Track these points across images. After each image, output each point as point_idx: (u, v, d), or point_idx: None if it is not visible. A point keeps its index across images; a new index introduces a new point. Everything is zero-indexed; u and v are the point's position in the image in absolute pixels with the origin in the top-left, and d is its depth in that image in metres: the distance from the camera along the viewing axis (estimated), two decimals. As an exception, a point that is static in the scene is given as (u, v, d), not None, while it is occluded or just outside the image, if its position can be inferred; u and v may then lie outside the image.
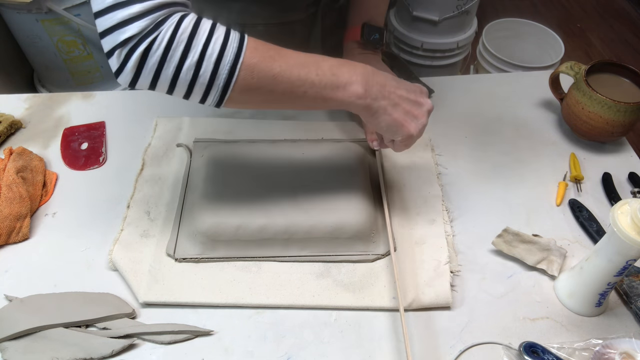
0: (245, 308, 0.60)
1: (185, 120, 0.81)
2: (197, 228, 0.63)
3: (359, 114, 0.57)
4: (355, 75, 0.53)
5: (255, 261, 0.63)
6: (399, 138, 0.58)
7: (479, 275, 0.63)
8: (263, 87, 0.50)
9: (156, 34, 0.45)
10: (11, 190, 0.67)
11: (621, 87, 0.77)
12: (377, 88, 0.54)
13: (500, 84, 0.90)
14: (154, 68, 0.46)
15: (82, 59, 1.46)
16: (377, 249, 0.64)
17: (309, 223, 0.63)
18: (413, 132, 0.57)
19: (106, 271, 0.63)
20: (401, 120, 0.56)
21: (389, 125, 0.56)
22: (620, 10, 2.46)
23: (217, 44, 0.47)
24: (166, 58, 0.46)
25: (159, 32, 0.45)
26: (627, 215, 0.50)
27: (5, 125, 0.78)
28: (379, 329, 0.58)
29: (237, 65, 0.48)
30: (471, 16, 1.59)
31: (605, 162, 0.77)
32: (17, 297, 0.59)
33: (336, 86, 0.52)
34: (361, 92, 0.53)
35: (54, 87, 1.55)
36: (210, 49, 0.47)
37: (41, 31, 1.36)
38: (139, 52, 0.45)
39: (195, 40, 0.46)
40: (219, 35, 0.47)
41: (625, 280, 0.61)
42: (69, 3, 1.32)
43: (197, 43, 0.46)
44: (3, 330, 0.55)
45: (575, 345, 0.56)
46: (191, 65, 0.46)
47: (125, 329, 0.57)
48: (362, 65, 0.55)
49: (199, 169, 0.71)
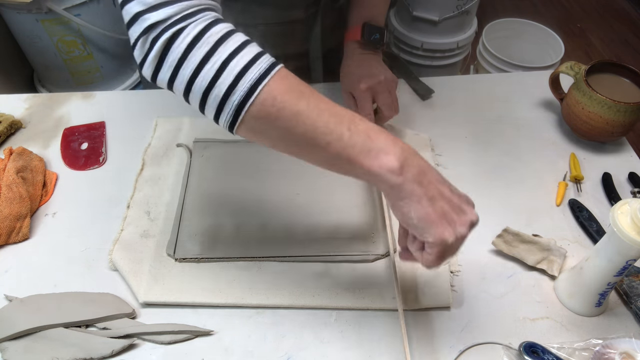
0: (245, 308, 0.60)
1: (185, 120, 0.81)
2: (197, 228, 0.63)
3: (387, 197, 0.46)
4: (393, 147, 0.44)
5: (255, 261, 0.63)
6: (430, 239, 0.45)
7: (479, 275, 0.63)
8: (283, 120, 0.43)
9: (184, 24, 0.42)
10: (11, 190, 0.67)
11: (621, 87, 0.77)
12: (416, 171, 0.45)
13: (500, 84, 0.90)
14: (174, 63, 0.43)
15: (82, 59, 1.46)
16: (377, 249, 0.64)
17: (309, 223, 0.63)
18: (447, 237, 0.44)
19: (106, 271, 0.63)
20: (435, 218, 0.44)
21: (419, 218, 0.44)
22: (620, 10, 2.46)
23: (244, 58, 0.43)
24: (187, 55, 0.42)
25: (188, 23, 0.42)
26: (627, 215, 0.50)
27: (5, 125, 0.78)
28: (379, 329, 0.58)
29: (259, 86, 0.42)
30: (471, 16, 1.59)
31: (605, 162, 0.77)
32: (17, 297, 0.59)
33: (368, 149, 0.44)
34: (396, 167, 0.43)
35: (54, 87, 1.55)
36: (235, 61, 0.42)
37: (41, 31, 1.36)
38: (163, 39, 0.42)
39: (223, 47, 0.43)
40: (249, 51, 0.43)
41: (625, 280, 0.61)
42: (69, 3, 1.32)
43: (223, 50, 0.42)
44: (3, 330, 0.55)
45: (575, 345, 0.56)
46: (209, 72, 0.42)
47: (125, 329, 0.57)
48: (405, 143, 0.46)
49: (199, 169, 0.71)
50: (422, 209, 0.44)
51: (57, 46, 1.40)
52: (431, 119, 0.83)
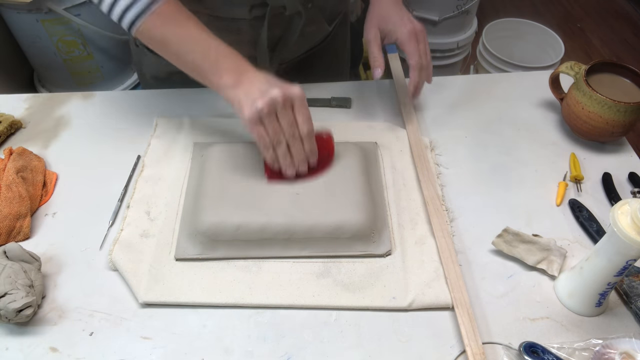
0: (245, 308, 0.60)
1: (185, 120, 0.81)
2: (197, 228, 0.63)
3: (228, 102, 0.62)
4: (233, 70, 0.61)
5: (256, 261, 0.63)
6: (245, 118, 0.61)
7: (479, 275, 0.63)
8: (159, 43, 0.63)
9: None
10: (11, 190, 0.67)
11: (621, 87, 0.77)
12: (246, 85, 0.60)
13: (500, 84, 0.90)
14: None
15: (82, 59, 1.46)
16: (377, 249, 0.64)
17: (309, 223, 0.63)
18: (257, 105, 0.59)
19: (106, 271, 0.63)
20: (250, 106, 0.60)
21: (243, 113, 0.61)
22: (620, 10, 2.46)
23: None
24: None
25: None
26: (627, 215, 0.50)
27: (5, 125, 0.78)
28: (379, 329, 0.58)
29: (140, 19, 0.61)
30: (471, 16, 1.60)
31: (605, 162, 0.77)
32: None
33: (215, 70, 0.61)
34: (229, 83, 0.61)
35: (54, 87, 1.55)
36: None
37: (41, 31, 1.36)
38: None
39: None
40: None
41: (625, 280, 0.61)
42: (69, 3, 1.32)
43: None
44: None
45: (575, 345, 0.56)
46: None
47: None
48: (246, 67, 0.61)
49: (199, 169, 0.71)
50: (247, 109, 0.60)
51: (57, 46, 1.40)
52: (431, 119, 0.83)
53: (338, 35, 0.95)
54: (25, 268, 0.58)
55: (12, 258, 0.58)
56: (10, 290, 0.55)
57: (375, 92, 0.88)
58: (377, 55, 0.74)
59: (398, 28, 0.72)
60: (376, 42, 0.74)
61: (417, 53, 0.73)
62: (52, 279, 0.62)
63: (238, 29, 0.78)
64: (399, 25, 0.72)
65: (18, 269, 0.57)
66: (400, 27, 0.72)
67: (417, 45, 0.72)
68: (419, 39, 0.73)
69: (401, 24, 0.72)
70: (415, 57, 0.72)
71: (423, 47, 0.73)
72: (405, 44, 0.72)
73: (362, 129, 0.80)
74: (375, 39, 0.74)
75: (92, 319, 0.59)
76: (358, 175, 0.68)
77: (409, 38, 0.72)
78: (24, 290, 0.55)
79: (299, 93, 0.60)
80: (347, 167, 0.69)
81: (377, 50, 0.74)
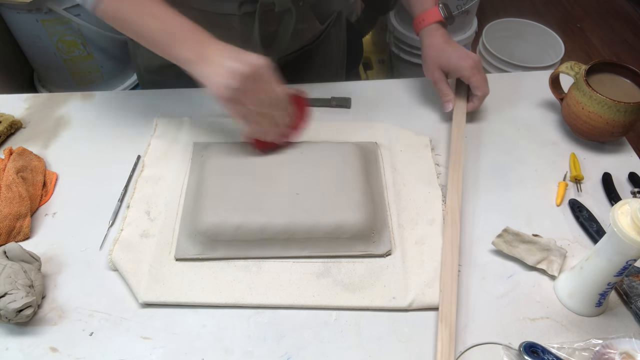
0: (245, 308, 0.60)
1: (185, 120, 0.81)
2: (197, 228, 0.63)
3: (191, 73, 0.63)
4: (191, 47, 0.62)
5: (255, 261, 0.63)
6: (206, 85, 0.62)
7: (479, 275, 0.63)
8: (121, 21, 0.64)
9: None
10: (10, 190, 0.67)
11: (621, 87, 0.77)
12: (200, 58, 0.61)
13: (500, 84, 0.90)
14: None
15: (82, 59, 1.46)
16: (377, 249, 0.64)
17: (309, 223, 0.63)
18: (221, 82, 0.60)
19: (106, 271, 0.63)
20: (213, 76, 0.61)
21: (206, 84, 0.62)
22: (620, 10, 2.46)
23: None
24: None
25: None
26: (627, 215, 0.50)
27: (5, 125, 0.78)
28: (379, 329, 0.58)
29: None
30: (471, 16, 1.59)
31: (605, 162, 0.77)
32: None
33: (174, 44, 0.62)
34: (189, 57, 0.62)
35: (54, 87, 1.55)
36: None
37: (41, 31, 1.36)
38: None
39: None
40: None
41: (625, 280, 0.61)
42: (69, 3, 1.32)
43: None
44: None
45: (575, 345, 0.56)
46: None
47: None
48: (206, 41, 0.62)
49: (199, 169, 0.71)
50: (216, 87, 0.60)
51: (57, 46, 1.40)
52: (431, 119, 0.83)
53: (332, 35, 0.95)
54: (25, 268, 0.58)
55: (12, 258, 0.58)
56: (10, 290, 0.55)
57: (376, 92, 0.88)
58: (447, 92, 0.80)
59: (460, 64, 0.78)
60: (442, 80, 0.80)
61: (483, 85, 0.79)
62: (52, 279, 0.62)
63: (228, 24, 0.78)
64: (461, 61, 0.78)
65: (18, 269, 0.57)
66: (462, 63, 0.78)
67: (480, 76, 0.78)
68: (479, 70, 0.79)
69: (462, 60, 0.78)
70: (482, 90, 0.79)
71: (484, 76, 0.79)
72: (470, 78, 0.78)
73: (362, 129, 0.80)
74: (441, 78, 0.80)
75: (92, 319, 0.59)
76: (358, 175, 0.68)
77: (472, 72, 0.78)
78: (24, 290, 0.55)
79: (265, 62, 0.61)
80: (347, 167, 0.69)
81: (445, 87, 0.80)
